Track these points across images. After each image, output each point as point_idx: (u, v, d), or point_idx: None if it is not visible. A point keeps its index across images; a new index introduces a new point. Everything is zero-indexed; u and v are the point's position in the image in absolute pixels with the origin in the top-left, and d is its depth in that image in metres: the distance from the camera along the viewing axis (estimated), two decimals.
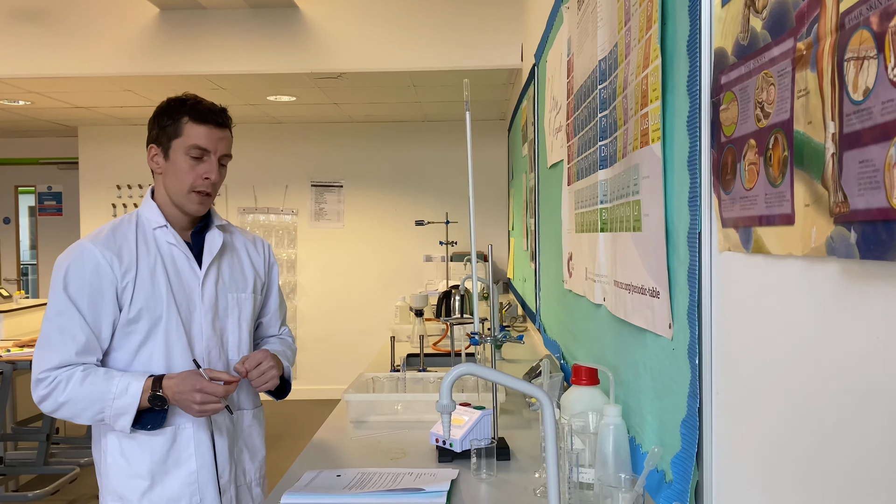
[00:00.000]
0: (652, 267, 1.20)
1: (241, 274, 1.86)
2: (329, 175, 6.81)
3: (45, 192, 7.83)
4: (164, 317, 1.69)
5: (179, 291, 1.72)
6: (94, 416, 1.63)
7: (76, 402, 1.62)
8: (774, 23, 0.77)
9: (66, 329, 1.63)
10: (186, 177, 1.70)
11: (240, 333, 1.83)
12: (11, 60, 4.73)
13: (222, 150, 1.74)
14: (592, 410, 1.36)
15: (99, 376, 1.63)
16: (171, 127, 1.71)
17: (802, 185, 0.71)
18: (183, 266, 1.74)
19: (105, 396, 1.61)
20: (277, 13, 4.66)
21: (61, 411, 1.64)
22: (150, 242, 1.72)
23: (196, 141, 1.70)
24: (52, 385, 1.62)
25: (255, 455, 1.88)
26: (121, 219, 1.77)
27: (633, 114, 1.31)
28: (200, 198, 1.73)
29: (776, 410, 0.82)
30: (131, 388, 1.61)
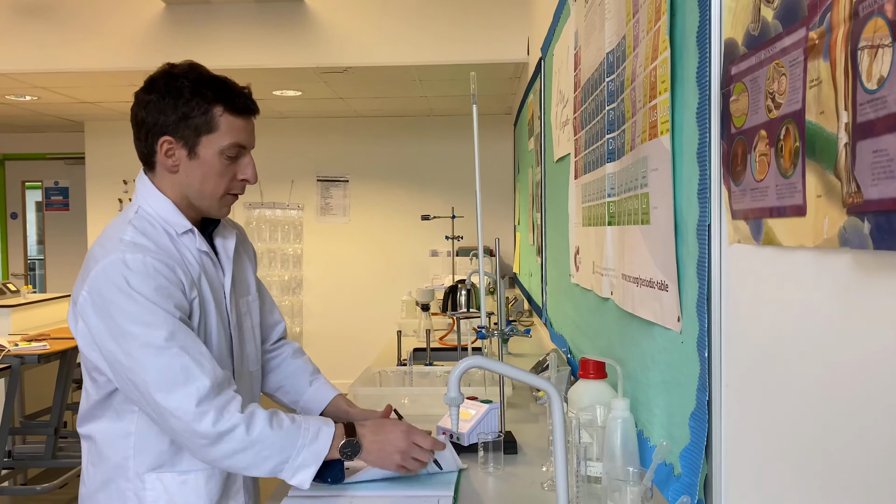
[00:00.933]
0: (660, 260, 1.20)
1: (245, 274, 1.63)
2: (335, 170, 6.81)
3: (52, 187, 7.85)
4: (214, 337, 1.45)
5: (220, 306, 1.47)
6: (275, 467, 1.34)
7: (265, 447, 1.31)
8: (786, 12, 0.77)
9: (188, 345, 1.32)
10: (222, 179, 1.41)
11: (255, 341, 1.61)
12: (18, 55, 4.74)
13: (254, 143, 1.48)
14: (600, 404, 1.36)
15: (282, 418, 1.35)
16: (199, 119, 1.38)
17: (814, 175, 0.70)
18: (211, 273, 1.47)
19: (294, 443, 1.33)
20: (283, 7, 4.66)
21: (241, 457, 1.31)
22: (184, 251, 1.43)
23: (236, 139, 1.40)
24: (229, 423, 1.29)
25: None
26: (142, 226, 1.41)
27: (642, 106, 1.30)
28: (233, 199, 1.47)
29: (787, 403, 0.82)
30: (322, 435, 1.36)
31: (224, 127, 1.40)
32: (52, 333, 4.28)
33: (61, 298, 5.48)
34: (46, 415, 4.37)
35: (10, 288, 5.17)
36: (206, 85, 1.41)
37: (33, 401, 4.41)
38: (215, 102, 1.39)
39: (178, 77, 1.41)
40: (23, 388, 4.21)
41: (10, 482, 4.07)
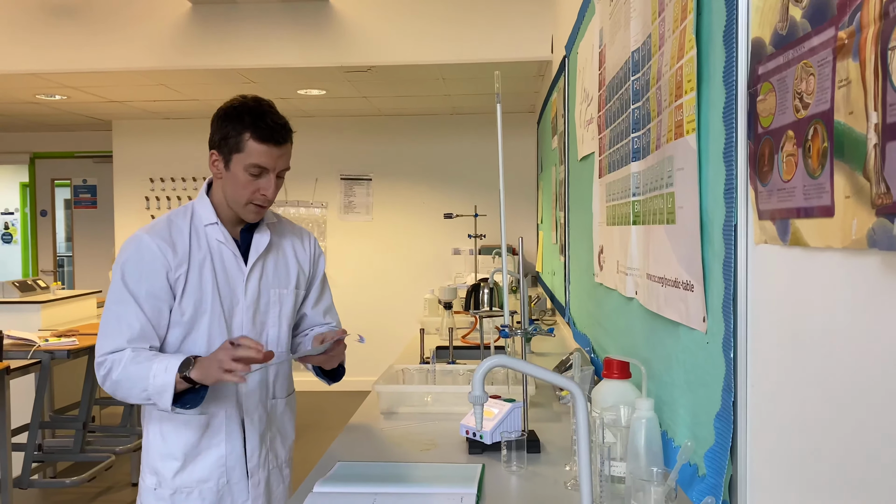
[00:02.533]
0: (686, 260, 1.19)
1: (286, 270, 1.91)
2: (358, 168, 6.84)
3: (81, 185, 7.97)
4: (208, 311, 1.76)
5: (224, 287, 1.79)
6: (140, 394, 1.68)
7: (125, 380, 1.68)
8: (815, 12, 0.76)
9: (123, 318, 1.71)
10: (244, 191, 1.74)
11: (279, 328, 1.89)
12: (48, 56, 4.82)
13: (281, 167, 1.76)
14: (624, 404, 1.36)
15: (143, 356, 1.69)
16: (234, 140, 1.72)
17: (843, 176, 0.70)
18: (230, 263, 1.81)
19: (147, 375, 1.66)
20: (308, 7, 4.69)
21: (117, 392, 1.71)
22: (201, 238, 1.79)
23: (257, 160, 1.71)
24: (107, 366, 1.70)
25: (286, 440, 1.97)
26: (176, 211, 1.83)
27: (667, 105, 1.30)
28: (257, 208, 1.78)
29: (813, 404, 0.81)
30: (169, 367, 1.66)
31: (249, 150, 1.71)
32: (81, 329, 4.35)
33: (90, 295, 5.55)
34: (75, 409, 4.44)
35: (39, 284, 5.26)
36: (245, 113, 1.72)
37: (62, 396, 4.48)
38: (245, 129, 1.71)
39: (232, 105, 1.75)
40: (52, 383, 4.28)
41: (39, 475, 4.14)
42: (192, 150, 6.80)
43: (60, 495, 4.17)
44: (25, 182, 8.42)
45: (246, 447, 1.83)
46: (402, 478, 1.52)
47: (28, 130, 7.66)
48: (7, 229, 9.44)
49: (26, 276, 8.32)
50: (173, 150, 6.87)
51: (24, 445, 3.74)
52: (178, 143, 6.85)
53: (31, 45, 4.82)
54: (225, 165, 1.75)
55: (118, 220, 6.95)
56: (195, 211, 1.83)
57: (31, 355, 3.67)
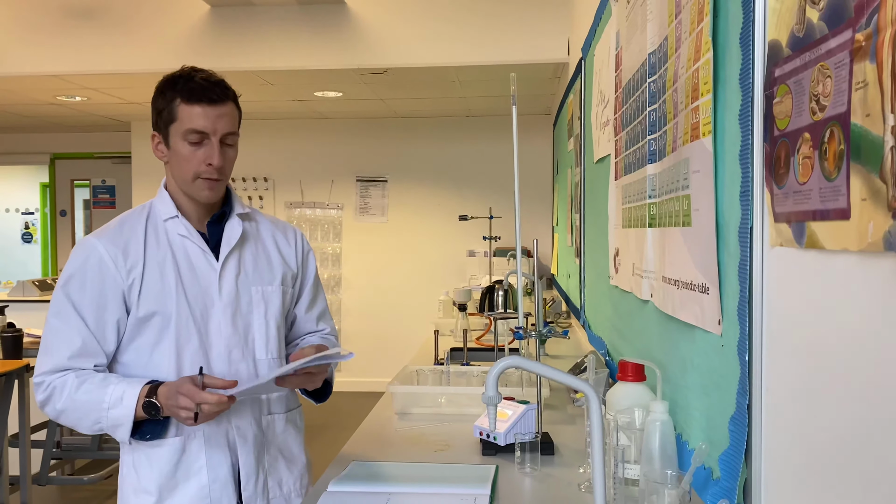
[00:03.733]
0: (701, 262, 1.19)
1: (268, 265, 1.69)
2: (374, 170, 6.86)
3: (100, 185, 8.06)
4: (173, 316, 1.55)
5: (193, 287, 1.58)
6: (93, 425, 1.52)
7: (72, 410, 1.51)
8: (832, 13, 0.76)
9: (62, 332, 1.53)
10: (188, 164, 1.55)
11: (267, 330, 1.66)
12: (68, 58, 4.88)
13: (224, 129, 1.56)
14: (639, 407, 1.35)
15: (94, 383, 1.51)
16: (166, 111, 1.56)
17: (859, 179, 0.69)
18: (197, 259, 1.60)
19: (100, 406, 1.49)
20: (325, 9, 4.71)
21: (61, 419, 1.54)
22: (160, 235, 1.60)
23: (191, 124, 1.53)
24: (47, 391, 1.52)
25: (293, 464, 1.71)
26: (132, 210, 1.65)
27: (684, 107, 1.30)
28: (209, 184, 1.57)
29: (829, 408, 0.81)
30: (126, 398, 1.48)
31: (181, 115, 1.54)
32: None
33: None
34: None
35: None
36: (172, 81, 1.57)
37: None
38: (175, 95, 1.55)
39: (162, 80, 1.60)
40: None
41: (57, 472, 4.19)
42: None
43: (78, 492, 4.21)
44: (45, 182, 8.52)
45: (239, 473, 1.60)
46: (415, 478, 1.52)
47: (48, 131, 7.75)
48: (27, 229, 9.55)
49: (46, 275, 8.41)
50: None
51: (43, 443, 3.78)
52: None
53: (51, 47, 4.88)
54: (166, 143, 1.58)
55: None
56: (153, 207, 1.63)
57: None
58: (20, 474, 3.53)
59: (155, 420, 1.51)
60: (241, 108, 1.65)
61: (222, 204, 1.68)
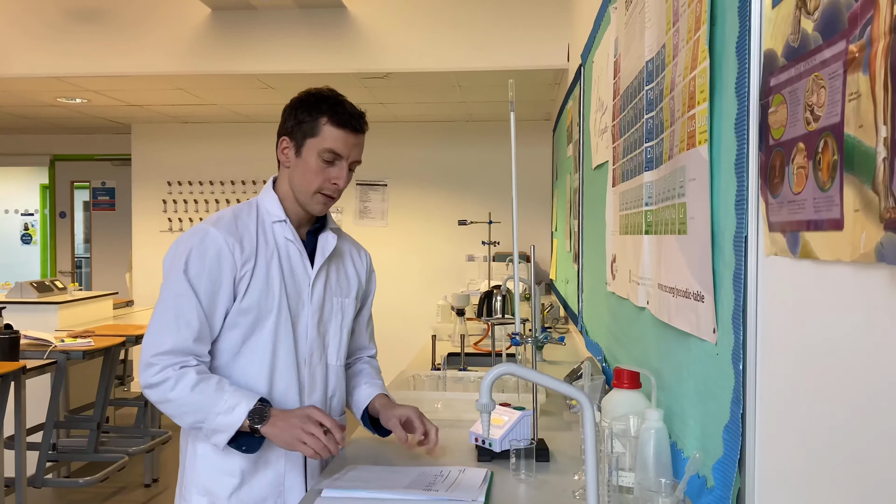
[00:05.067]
0: (697, 270, 1.19)
1: (346, 279, 1.83)
2: (373, 174, 6.86)
3: (99, 187, 8.06)
4: (274, 311, 1.65)
5: (291, 289, 1.69)
6: (194, 423, 1.58)
7: (181, 403, 1.56)
8: (826, 24, 0.76)
9: (182, 313, 1.58)
10: (315, 178, 1.65)
11: (340, 338, 1.80)
12: (70, 59, 4.88)
13: (355, 157, 1.69)
14: (634, 414, 1.35)
15: (211, 385, 1.56)
16: (308, 124, 1.65)
17: (852, 189, 0.70)
18: (297, 264, 1.71)
19: (211, 409, 1.54)
20: (326, 13, 4.72)
21: (164, 407, 1.58)
22: (269, 235, 1.69)
23: (332, 145, 1.64)
24: (161, 376, 1.56)
25: None
26: (241, 206, 1.73)
27: (680, 115, 1.30)
28: (325, 199, 1.68)
29: (822, 418, 0.81)
30: (238, 409, 1.54)
31: (324, 134, 1.64)
32: (98, 330, 4.39)
33: (106, 296, 5.61)
34: (90, 410, 4.48)
35: (57, 285, 5.31)
36: (323, 100, 1.66)
37: (77, 396, 4.53)
38: (322, 114, 1.64)
39: (308, 93, 1.70)
40: (68, 384, 4.32)
41: (53, 475, 4.18)
42: (210, 153, 6.86)
43: (74, 495, 4.20)
44: (45, 184, 8.52)
45: (307, 467, 1.71)
46: (411, 483, 1.52)
47: (49, 133, 7.76)
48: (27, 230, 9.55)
49: (44, 276, 8.41)
50: (192, 154, 6.93)
51: (39, 445, 3.77)
52: (197, 146, 6.91)
53: (52, 49, 4.88)
54: (296, 152, 1.67)
55: (136, 222, 7.01)
56: (261, 206, 1.72)
57: (48, 355, 3.71)
58: (15, 476, 3.52)
59: (251, 434, 1.57)
60: None
61: (318, 217, 1.77)
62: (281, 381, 1.67)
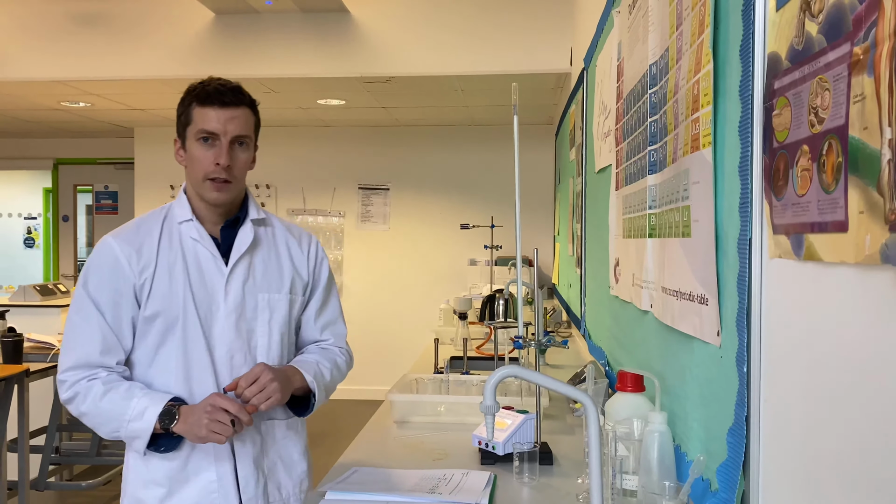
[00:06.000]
0: (700, 273, 1.19)
1: (278, 272, 1.71)
2: (376, 178, 6.87)
3: (102, 191, 8.07)
4: (180, 317, 1.59)
5: (200, 290, 1.61)
6: (111, 433, 1.57)
7: (94, 415, 1.57)
8: (831, 27, 0.76)
9: (85, 328, 1.58)
10: (199, 165, 1.60)
11: (270, 337, 1.68)
12: (73, 63, 4.89)
13: (234, 132, 1.59)
14: (637, 417, 1.35)
15: (119, 393, 1.55)
16: (183, 115, 1.62)
17: (857, 191, 0.70)
18: (207, 263, 1.63)
19: (122, 416, 1.54)
20: (329, 18, 4.73)
21: (83, 420, 1.59)
22: (174, 237, 1.64)
23: (202, 125, 1.58)
24: (72, 392, 1.57)
25: (291, 469, 1.72)
26: (153, 212, 1.69)
27: (684, 118, 1.30)
28: (216, 185, 1.60)
29: (826, 420, 0.81)
30: (148, 413, 1.53)
31: (195, 117, 1.60)
32: None
33: None
34: None
35: (60, 288, 5.32)
36: (192, 88, 1.63)
37: None
38: (191, 99, 1.61)
39: (186, 89, 1.65)
40: None
41: (56, 478, 4.18)
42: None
43: (76, 498, 4.20)
44: (48, 187, 8.54)
45: (237, 474, 1.62)
46: (414, 486, 1.52)
47: (52, 137, 7.77)
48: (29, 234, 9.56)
49: (47, 280, 8.42)
50: None
51: (42, 448, 3.77)
52: None
53: (56, 53, 4.90)
54: (183, 147, 1.64)
55: None
56: (171, 210, 1.68)
57: (51, 358, 3.71)
58: (18, 480, 3.52)
59: (170, 434, 1.55)
60: (259, 116, 1.69)
61: (238, 209, 1.70)
62: (198, 386, 1.60)
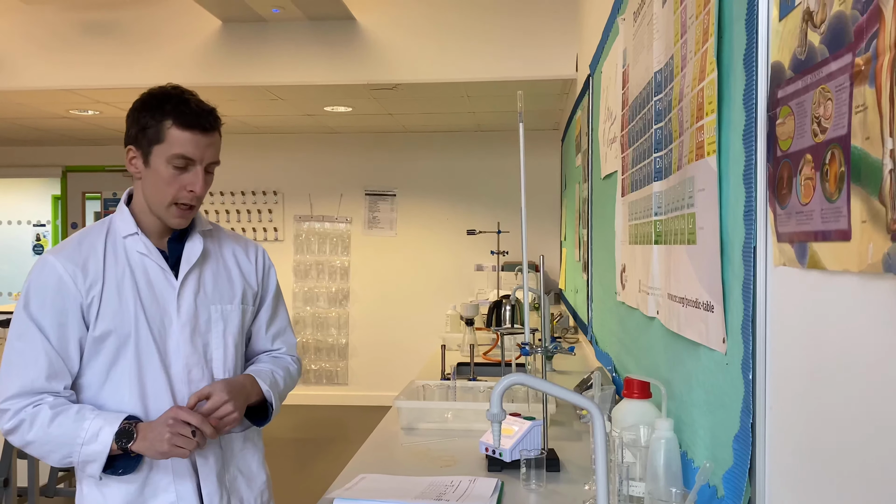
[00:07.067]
0: (706, 280, 1.20)
1: (228, 283, 1.66)
2: (383, 184, 6.89)
3: (111, 198, 8.11)
4: (132, 334, 1.52)
5: (151, 305, 1.55)
6: (62, 459, 1.48)
7: (43, 443, 1.47)
8: (833, 37, 0.77)
9: (28, 353, 1.48)
10: (168, 188, 1.52)
11: (225, 349, 1.63)
12: (81, 72, 4.93)
13: (209, 158, 1.55)
14: (644, 424, 1.36)
15: (69, 416, 1.46)
16: (153, 129, 1.52)
17: (859, 200, 0.70)
18: (156, 277, 1.57)
19: (73, 441, 1.45)
20: (335, 26, 4.76)
21: (29, 449, 1.49)
22: (119, 252, 1.56)
23: (180, 150, 1.51)
24: (15, 420, 1.46)
25: (252, 481, 1.68)
26: (92, 226, 1.61)
27: (689, 126, 1.31)
28: (182, 211, 1.55)
29: (831, 427, 0.81)
30: (102, 434, 1.45)
31: (171, 139, 1.51)
32: None
33: None
34: None
35: None
36: (164, 101, 1.53)
37: None
38: (166, 117, 1.52)
39: (149, 94, 1.57)
40: None
41: (65, 484, 4.20)
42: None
43: None
44: (57, 195, 8.59)
45: (201, 491, 1.57)
46: (422, 493, 1.53)
47: (61, 144, 7.82)
48: (39, 241, 9.62)
49: None
50: None
51: None
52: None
53: (65, 62, 4.94)
54: (144, 161, 1.54)
55: None
56: (112, 223, 1.59)
57: None
58: (28, 486, 3.54)
59: (127, 455, 1.48)
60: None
61: None
62: (154, 404, 1.54)
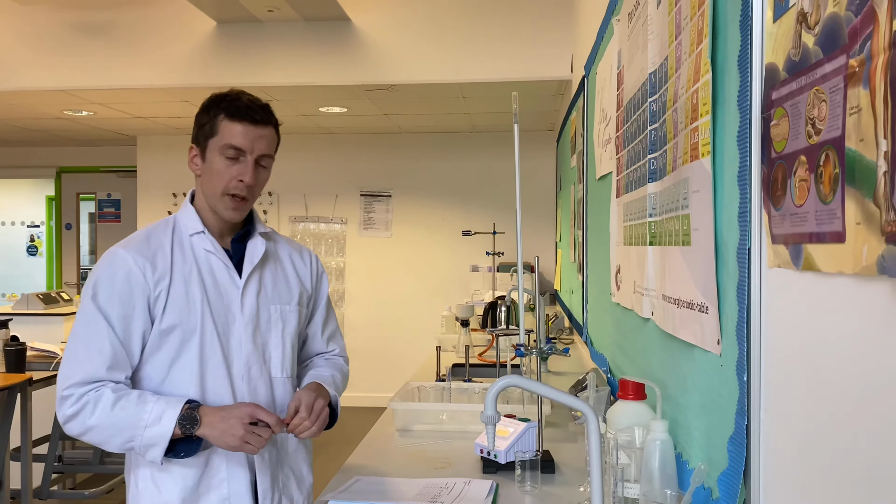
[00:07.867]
0: (701, 282, 1.20)
1: (286, 285, 1.71)
2: (378, 185, 6.89)
3: (105, 199, 8.09)
4: (198, 329, 1.56)
5: (217, 302, 1.59)
6: (124, 444, 1.49)
7: (105, 427, 1.48)
8: (827, 39, 0.77)
9: (93, 341, 1.51)
10: (220, 178, 1.57)
11: (283, 348, 1.68)
12: (76, 73, 4.92)
13: (260, 150, 1.59)
14: (639, 425, 1.35)
15: (131, 400, 1.49)
16: (208, 125, 1.59)
17: (853, 202, 0.70)
18: (221, 275, 1.61)
19: (136, 424, 1.47)
20: (331, 26, 4.75)
21: (89, 435, 1.50)
22: (186, 249, 1.60)
23: (230, 140, 1.56)
24: (78, 405, 1.48)
25: (302, 483, 1.71)
26: (157, 224, 1.66)
27: (683, 127, 1.31)
28: (235, 202, 1.59)
29: (826, 429, 0.81)
30: (165, 417, 1.47)
31: (222, 130, 1.57)
32: None
33: None
34: None
35: (63, 297, 5.33)
36: (219, 99, 1.61)
37: None
38: (219, 111, 1.58)
39: (210, 97, 1.63)
40: None
41: (59, 486, 4.18)
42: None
43: None
44: (51, 196, 8.56)
45: (257, 489, 1.59)
46: (416, 495, 1.52)
47: (55, 145, 7.80)
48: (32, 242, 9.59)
49: (50, 288, 8.43)
50: None
51: (45, 456, 3.78)
52: None
53: (59, 62, 4.92)
54: (202, 156, 1.60)
55: None
56: (178, 222, 1.64)
57: (54, 367, 3.72)
58: (21, 488, 3.53)
59: (188, 439, 1.50)
60: (280, 136, 1.68)
61: (245, 223, 1.69)
62: (213, 399, 1.57)
